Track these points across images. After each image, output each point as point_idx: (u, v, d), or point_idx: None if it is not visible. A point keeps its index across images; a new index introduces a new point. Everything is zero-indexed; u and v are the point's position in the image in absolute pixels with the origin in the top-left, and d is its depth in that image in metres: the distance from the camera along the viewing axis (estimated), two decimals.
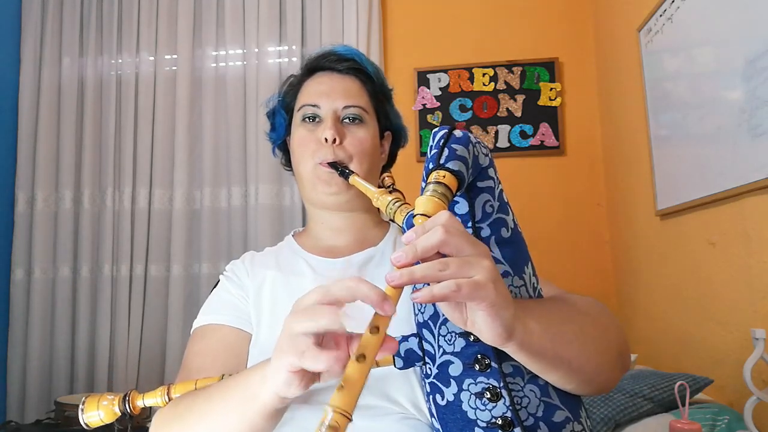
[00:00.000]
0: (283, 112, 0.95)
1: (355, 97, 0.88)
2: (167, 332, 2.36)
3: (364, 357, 0.48)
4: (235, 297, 0.86)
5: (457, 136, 0.61)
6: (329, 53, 0.91)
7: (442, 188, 0.56)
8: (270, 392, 0.54)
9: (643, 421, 1.24)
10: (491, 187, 0.64)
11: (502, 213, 0.64)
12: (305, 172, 0.87)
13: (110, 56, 2.52)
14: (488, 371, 0.61)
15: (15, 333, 2.39)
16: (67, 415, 1.87)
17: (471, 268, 0.48)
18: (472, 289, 0.48)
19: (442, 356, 0.63)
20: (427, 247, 0.49)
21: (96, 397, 0.72)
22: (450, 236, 0.49)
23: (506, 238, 0.64)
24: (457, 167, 0.58)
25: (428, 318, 0.65)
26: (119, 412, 0.71)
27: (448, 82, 2.43)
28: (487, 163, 0.64)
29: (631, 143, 2.01)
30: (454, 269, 0.48)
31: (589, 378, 0.62)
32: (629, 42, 1.96)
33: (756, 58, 1.23)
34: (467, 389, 0.61)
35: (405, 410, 0.71)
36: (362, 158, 0.86)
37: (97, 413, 0.71)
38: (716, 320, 1.47)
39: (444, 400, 0.63)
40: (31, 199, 2.46)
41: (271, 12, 2.47)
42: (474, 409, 0.61)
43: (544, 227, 2.33)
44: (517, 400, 0.60)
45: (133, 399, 0.71)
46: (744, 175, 1.29)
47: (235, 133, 2.46)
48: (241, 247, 2.39)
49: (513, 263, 0.63)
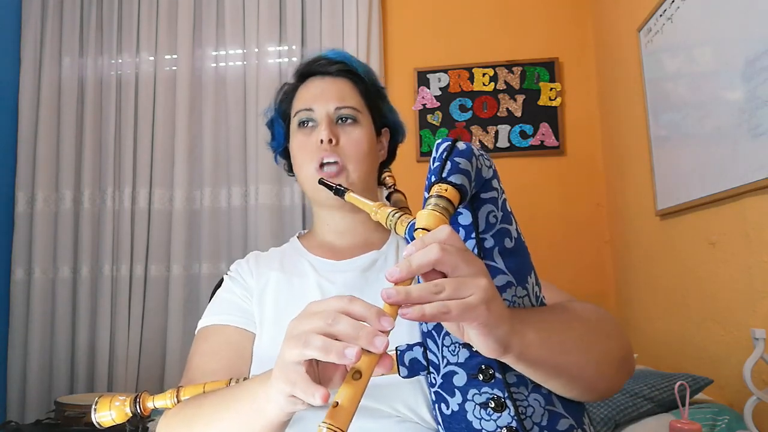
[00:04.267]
0: (281, 120, 0.96)
1: (348, 98, 0.89)
2: (167, 332, 2.36)
3: (360, 374, 0.48)
4: (239, 297, 0.87)
5: (460, 148, 0.60)
6: (319, 58, 0.93)
7: (444, 202, 0.56)
8: (275, 409, 0.55)
9: (643, 421, 1.24)
10: (495, 197, 0.64)
11: (505, 223, 0.64)
12: (307, 176, 0.88)
13: (110, 56, 2.52)
14: (492, 382, 0.61)
15: (15, 333, 2.39)
16: (67, 415, 1.86)
17: (466, 290, 0.49)
18: (463, 311, 0.48)
19: (447, 366, 0.63)
20: (422, 264, 0.49)
21: (108, 398, 0.74)
22: (446, 254, 0.49)
23: (510, 248, 0.64)
24: (460, 181, 0.58)
25: (432, 328, 0.65)
26: (130, 413, 0.73)
27: (448, 82, 2.43)
28: (491, 175, 0.64)
29: (631, 143, 2.01)
30: (449, 292, 0.48)
31: (590, 385, 0.62)
32: (629, 42, 1.96)
33: (756, 58, 1.23)
34: (472, 399, 0.61)
35: (402, 414, 0.71)
36: (359, 159, 0.87)
37: (109, 413, 0.73)
38: (716, 320, 1.47)
39: (449, 410, 0.63)
40: (31, 199, 2.46)
41: (271, 12, 2.47)
42: (479, 419, 0.61)
43: (544, 227, 2.33)
44: (522, 410, 0.60)
45: (143, 401, 0.73)
46: (744, 175, 1.29)
47: (235, 133, 2.46)
48: (241, 247, 2.39)
49: (516, 273, 0.63)
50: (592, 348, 0.63)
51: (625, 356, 0.67)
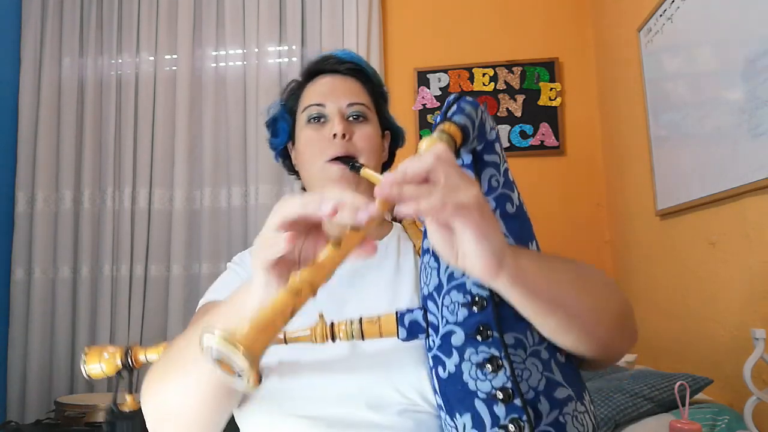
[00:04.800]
0: (287, 116, 0.95)
1: (359, 96, 0.90)
2: (167, 332, 2.36)
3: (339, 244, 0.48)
4: (242, 279, 0.87)
5: (468, 99, 0.63)
6: (329, 57, 0.93)
7: (446, 137, 0.57)
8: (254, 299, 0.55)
9: (643, 421, 1.24)
10: (497, 162, 0.66)
11: (507, 189, 0.66)
12: (314, 171, 0.88)
13: (110, 56, 2.52)
14: (490, 340, 0.61)
15: (15, 333, 2.39)
16: (67, 415, 1.86)
17: (458, 192, 0.49)
18: (458, 208, 0.48)
19: (445, 326, 0.64)
20: (416, 171, 0.49)
21: (98, 349, 0.73)
22: (440, 163, 0.49)
23: (511, 213, 0.65)
24: (463, 121, 0.59)
25: (433, 289, 0.66)
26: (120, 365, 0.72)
27: (448, 82, 2.43)
28: (494, 137, 0.66)
29: (631, 143, 2.01)
30: (442, 191, 0.48)
31: (589, 329, 0.62)
32: (629, 42, 1.96)
33: (756, 58, 1.23)
34: (468, 359, 0.62)
35: (412, 401, 0.71)
36: (371, 153, 0.88)
37: (99, 365, 0.72)
38: (716, 320, 1.47)
39: (446, 372, 0.64)
40: (31, 199, 2.46)
41: (271, 12, 2.47)
42: (474, 379, 0.61)
43: (544, 227, 2.31)
44: (518, 372, 0.60)
45: (135, 353, 0.72)
46: (744, 175, 1.29)
47: (235, 133, 2.46)
48: (241, 247, 2.37)
49: (518, 237, 0.65)
50: (589, 291, 0.63)
51: (625, 312, 0.67)
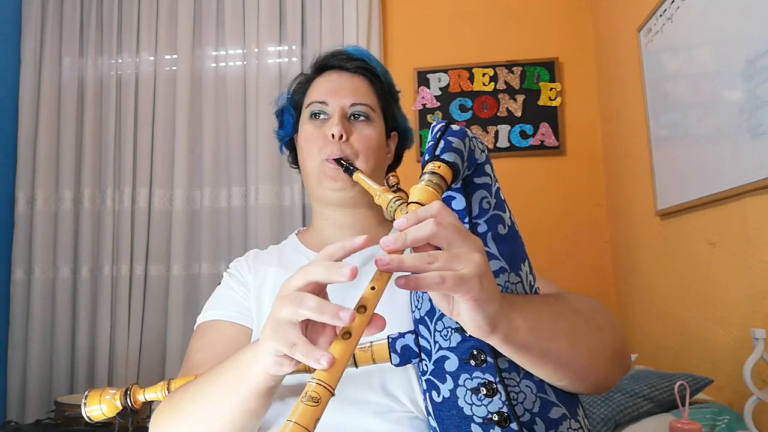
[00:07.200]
0: (292, 110, 0.96)
1: (363, 96, 0.90)
2: (167, 332, 2.36)
3: (349, 334, 0.48)
4: (237, 293, 0.87)
5: (454, 129, 0.62)
6: (339, 52, 0.93)
7: (437, 178, 0.57)
8: (261, 372, 0.55)
9: (643, 421, 1.24)
10: (488, 183, 0.65)
11: (498, 210, 0.65)
12: (311, 167, 0.88)
13: (110, 56, 2.52)
14: (484, 366, 0.61)
15: (15, 333, 2.39)
16: (67, 415, 1.86)
17: (459, 262, 0.49)
18: (457, 283, 0.48)
19: (438, 351, 0.63)
20: (417, 238, 0.49)
21: (98, 392, 0.73)
22: (441, 229, 0.49)
23: (503, 234, 0.64)
24: (452, 159, 0.58)
25: (425, 314, 0.65)
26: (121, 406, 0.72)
27: (448, 82, 2.43)
28: (484, 159, 0.65)
29: (631, 143, 2.01)
30: (443, 262, 0.48)
31: (581, 375, 0.62)
32: (629, 42, 1.96)
33: (756, 58, 1.23)
34: (463, 384, 0.61)
35: (405, 407, 0.71)
36: (368, 155, 0.87)
37: (99, 407, 0.72)
38: (716, 320, 1.47)
39: (440, 397, 0.63)
40: (31, 199, 2.46)
41: (271, 12, 2.47)
42: (470, 404, 0.61)
43: (544, 227, 2.33)
44: (513, 396, 0.60)
45: (134, 393, 0.72)
46: (744, 175, 1.29)
47: (235, 133, 2.46)
48: (241, 247, 2.39)
49: (510, 259, 0.64)
50: (583, 338, 0.63)
51: (619, 348, 0.67)
